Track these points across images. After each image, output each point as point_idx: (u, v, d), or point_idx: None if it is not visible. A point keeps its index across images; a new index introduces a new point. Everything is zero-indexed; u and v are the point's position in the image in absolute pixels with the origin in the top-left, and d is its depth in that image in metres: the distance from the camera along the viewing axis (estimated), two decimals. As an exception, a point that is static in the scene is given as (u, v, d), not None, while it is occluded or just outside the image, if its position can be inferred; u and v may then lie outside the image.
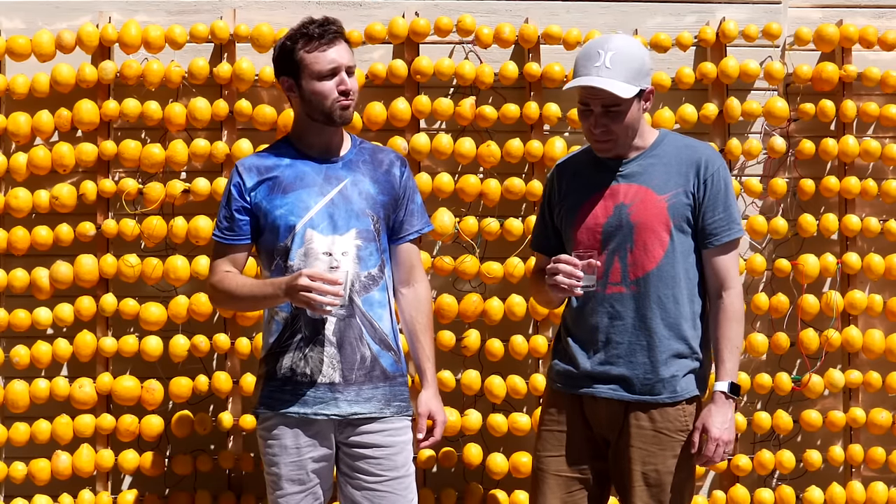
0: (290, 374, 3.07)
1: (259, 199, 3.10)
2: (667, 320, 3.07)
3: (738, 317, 3.11)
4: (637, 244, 3.06)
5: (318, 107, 3.08)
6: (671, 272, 3.07)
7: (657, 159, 3.12)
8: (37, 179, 4.22)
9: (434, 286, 4.35)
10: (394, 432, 3.14)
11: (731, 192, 3.14)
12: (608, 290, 3.09)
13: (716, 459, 3.06)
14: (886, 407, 4.33)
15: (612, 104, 3.02)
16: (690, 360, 3.10)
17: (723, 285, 3.11)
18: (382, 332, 3.12)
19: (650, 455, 3.07)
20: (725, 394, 3.06)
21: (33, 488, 4.17)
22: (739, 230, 3.14)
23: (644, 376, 3.06)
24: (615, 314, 3.08)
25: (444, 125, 4.38)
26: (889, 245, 4.37)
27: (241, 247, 3.14)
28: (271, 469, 3.12)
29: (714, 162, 3.11)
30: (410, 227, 3.27)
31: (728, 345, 3.09)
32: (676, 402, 3.08)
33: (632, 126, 3.08)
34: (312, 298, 2.88)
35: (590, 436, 3.16)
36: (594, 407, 3.12)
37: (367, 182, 3.14)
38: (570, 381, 3.15)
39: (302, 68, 3.06)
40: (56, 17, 4.30)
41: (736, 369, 3.10)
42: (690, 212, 3.09)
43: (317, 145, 3.14)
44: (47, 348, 4.14)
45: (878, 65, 4.40)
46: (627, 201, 3.08)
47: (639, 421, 3.07)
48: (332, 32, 3.06)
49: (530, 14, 4.35)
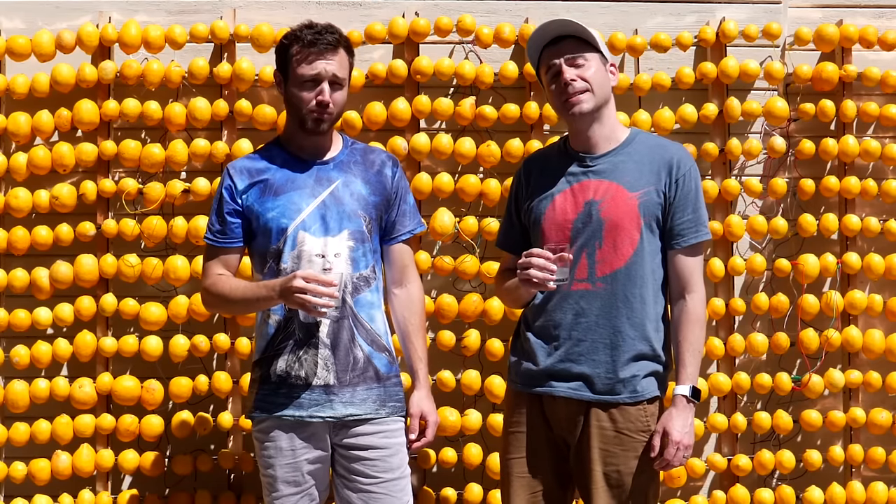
0: (285, 377, 3.07)
1: (251, 201, 3.09)
2: (632, 320, 3.04)
3: (700, 321, 3.08)
4: (606, 241, 3.03)
5: (293, 111, 3.10)
6: (639, 271, 3.04)
7: (628, 157, 3.10)
8: (37, 179, 4.22)
9: (434, 286, 4.36)
10: (389, 434, 3.14)
11: (701, 195, 3.12)
12: (574, 286, 3.04)
13: (675, 463, 3.02)
14: (886, 407, 4.33)
15: (576, 53, 3.05)
16: (652, 361, 3.07)
17: (686, 288, 3.08)
18: (375, 332, 3.12)
19: (612, 456, 3.04)
20: (686, 397, 3.03)
21: (33, 488, 4.17)
22: (707, 233, 3.11)
23: (605, 375, 3.03)
24: (580, 311, 3.04)
25: (444, 125, 4.39)
26: (889, 245, 4.37)
27: (233, 249, 3.14)
28: (267, 471, 3.13)
29: (686, 162, 3.10)
30: (403, 228, 3.27)
31: (690, 348, 3.06)
32: (637, 402, 3.05)
33: (601, 86, 3.06)
34: (307, 300, 2.88)
35: (550, 436, 3.12)
36: (553, 407, 3.09)
37: (358, 183, 3.13)
38: (528, 379, 3.12)
39: (290, 69, 3.07)
40: (56, 17, 4.30)
41: (697, 373, 3.07)
42: (660, 211, 3.06)
43: (307, 147, 3.14)
44: (47, 348, 4.14)
45: (878, 65, 4.40)
46: (598, 197, 3.05)
47: (600, 421, 3.04)
48: (325, 42, 3.04)
49: (530, 14, 4.35)
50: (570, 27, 3.09)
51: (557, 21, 3.09)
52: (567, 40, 3.09)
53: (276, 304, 3.02)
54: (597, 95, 3.06)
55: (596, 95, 3.06)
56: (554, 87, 3.09)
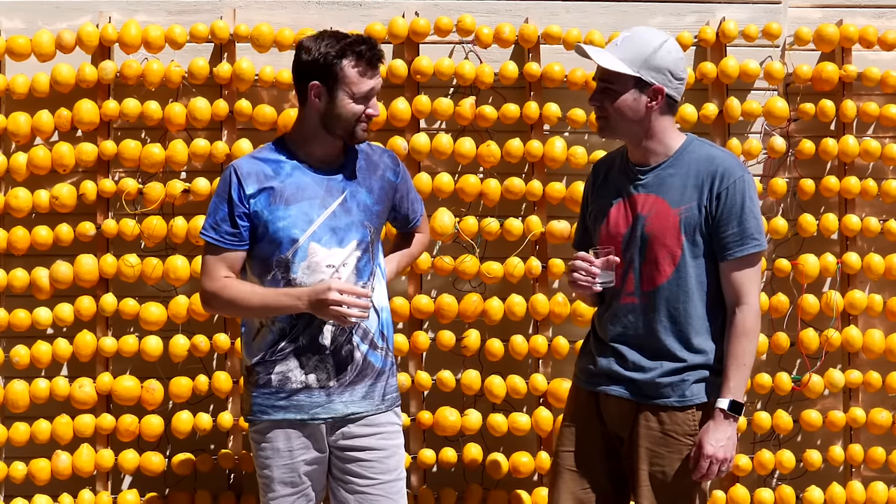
0: (285, 382, 3.06)
1: (259, 207, 3.04)
2: (677, 333, 3.04)
3: (748, 333, 3.02)
4: (648, 257, 3.05)
5: (342, 123, 3.04)
6: (683, 286, 3.03)
7: (676, 170, 3.07)
8: (37, 179, 4.22)
9: (434, 286, 4.36)
10: (386, 436, 3.14)
11: (749, 206, 3.02)
12: (622, 299, 3.09)
13: (709, 476, 3.01)
14: (886, 407, 4.33)
15: (604, 78, 3.04)
16: (702, 369, 3.05)
17: (737, 300, 3.04)
18: (371, 333, 3.12)
19: (658, 456, 3.06)
20: (725, 411, 3.00)
21: (33, 488, 4.17)
22: (756, 245, 3.02)
23: (651, 382, 3.05)
24: (627, 324, 3.08)
25: (444, 125, 4.39)
26: (889, 245, 4.37)
27: (240, 252, 3.10)
28: (263, 472, 3.12)
29: (731, 175, 3.02)
30: (415, 214, 3.38)
31: (734, 362, 3.02)
32: (686, 407, 3.06)
33: (625, 115, 3.03)
34: (344, 312, 2.90)
35: (604, 431, 3.16)
36: (607, 404, 3.14)
37: (363, 192, 3.13)
38: (588, 377, 3.18)
39: (341, 82, 3.01)
40: (56, 17, 4.30)
41: (741, 387, 3.02)
42: (703, 225, 3.03)
43: (319, 154, 3.10)
44: (47, 348, 4.14)
45: (878, 65, 4.40)
46: (645, 212, 3.06)
47: (648, 422, 3.07)
48: (379, 59, 3.05)
49: (530, 14, 4.35)
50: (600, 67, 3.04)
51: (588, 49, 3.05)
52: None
53: (298, 311, 3.00)
54: (612, 126, 3.06)
55: (611, 126, 3.06)
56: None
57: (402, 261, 3.44)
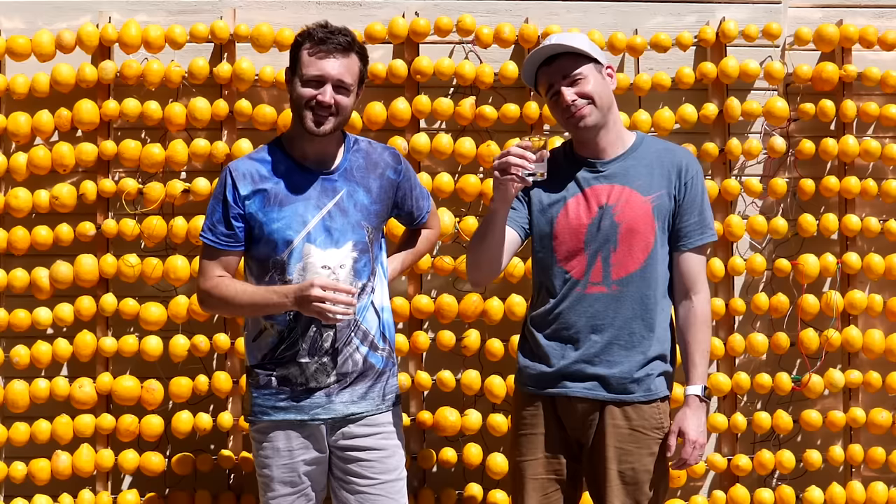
0: (285, 383, 3.07)
1: (254, 209, 3.04)
2: (647, 321, 3.08)
3: (707, 321, 3.14)
4: (622, 245, 3.06)
5: (295, 108, 3.05)
6: (653, 273, 3.08)
7: (638, 161, 3.13)
8: (37, 179, 4.22)
9: (434, 286, 4.36)
10: (387, 435, 3.14)
11: (707, 197, 3.17)
12: (588, 289, 3.08)
13: (691, 462, 3.08)
14: (886, 407, 4.33)
15: (572, 71, 3.05)
16: (663, 361, 3.11)
17: (692, 288, 3.12)
18: (371, 334, 3.12)
19: (627, 454, 3.06)
20: (699, 397, 3.08)
21: (33, 488, 4.17)
22: (712, 234, 3.16)
23: (620, 375, 3.06)
24: (595, 313, 3.07)
25: (444, 125, 4.39)
26: (889, 245, 4.37)
27: (236, 252, 3.10)
28: (263, 471, 3.12)
29: (693, 165, 3.15)
30: (421, 210, 3.33)
31: (699, 348, 3.11)
32: (651, 401, 3.09)
33: (602, 95, 3.07)
34: (326, 309, 2.88)
35: (563, 436, 3.15)
36: (567, 407, 3.11)
37: (361, 193, 3.11)
38: (542, 383, 3.14)
39: (297, 66, 3.04)
40: (56, 17, 4.30)
41: (706, 373, 3.12)
42: (671, 214, 3.11)
43: (311, 154, 3.09)
44: (47, 348, 4.14)
45: (878, 65, 4.40)
46: (612, 202, 3.08)
47: (615, 419, 3.07)
48: (336, 43, 3.00)
49: (530, 14, 4.35)
50: (560, 48, 3.08)
51: (549, 46, 3.08)
52: (561, 57, 3.08)
53: (287, 309, 3.00)
54: (600, 106, 3.08)
55: (599, 106, 3.08)
56: (556, 107, 3.11)
57: (406, 260, 3.42)
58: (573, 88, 3.05)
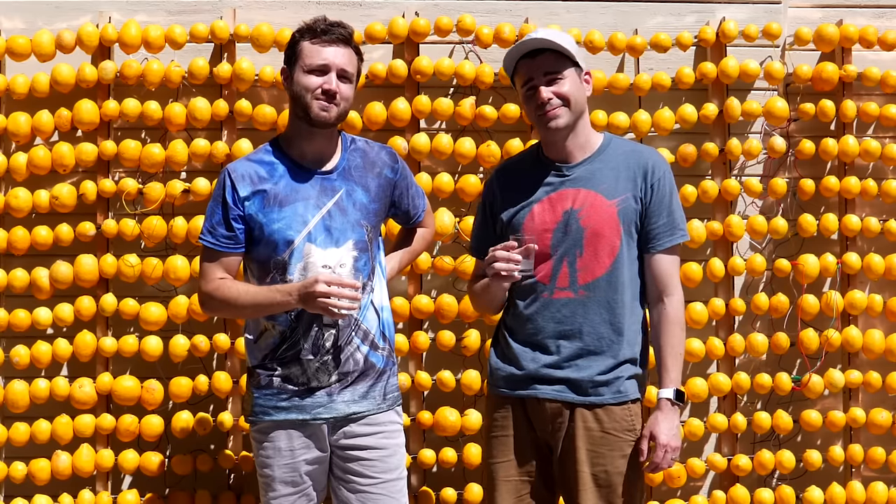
0: (287, 383, 3.07)
1: (253, 210, 3.04)
2: (615, 325, 3.07)
3: (679, 323, 3.11)
4: (587, 249, 3.05)
5: (298, 100, 3.04)
6: (620, 277, 3.07)
7: (604, 164, 3.11)
8: (37, 179, 4.22)
9: (434, 286, 4.36)
10: (388, 434, 3.14)
11: (676, 197, 3.14)
12: (555, 294, 3.07)
13: (663, 466, 3.06)
14: (886, 407, 4.33)
15: (553, 69, 3.05)
16: (633, 364, 3.10)
17: (664, 291, 3.10)
18: (371, 334, 3.12)
19: (599, 456, 3.05)
20: (671, 400, 3.06)
21: (33, 488, 4.17)
22: (683, 235, 3.13)
23: (590, 379, 3.05)
24: (562, 318, 3.07)
25: (444, 125, 4.39)
26: (889, 245, 4.37)
27: (236, 254, 3.10)
28: (264, 471, 3.12)
29: (660, 166, 3.12)
30: (417, 209, 3.35)
31: (672, 352, 3.09)
32: (622, 403, 3.08)
33: (576, 99, 3.07)
34: (332, 304, 2.88)
35: (534, 437, 3.14)
36: (537, 409, 3.10)
37: (359, 192, 3.12)
38: (512, 384, 3.13)
39: (297, 59, 3.04)
40: (56, 17, 4.30)
41: (679, 376, 3.10)
42: (638, 217, 3.09)
43: (309, 153, 3.10)
44: (47, 348, 4.14)
45: (878, 65, 4.40)
46: (577, 206, 3.07)
47: (586, 422, 3.05)
48: (337, 34, 3.04)
49: (530, 14, 4.35)
50: (548, 44, 3.07)
51: (536, 40, 3.07)
52: (544, 54, 3.08)
53: (292, 308, 3.00)
54: (573, 110, 3.08)
55: (572, 110, 3.08)
56: (530, 101, 3.11)
57: (403, 258, 3.42)
58: (551, 87, 3.05)
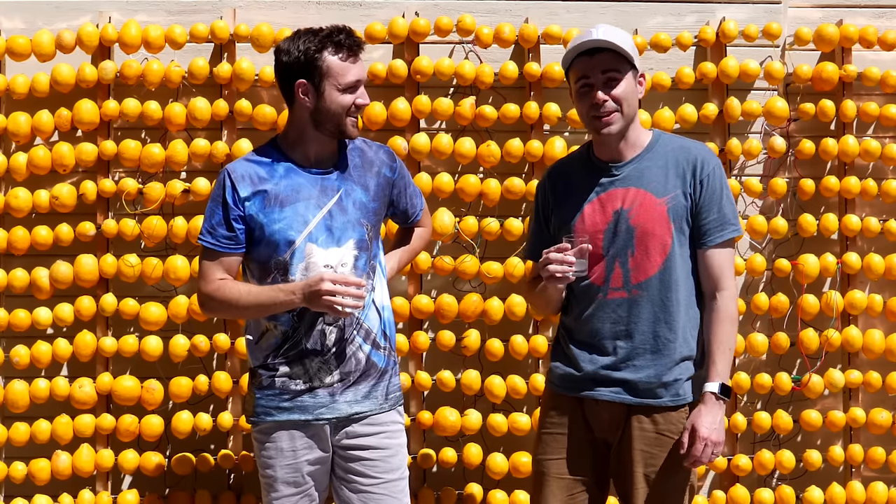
0: (289, 384, 3.06)
1: (254, 210, 3.03)
2: (671, 324, 3.04)
3: (731, 318, 3.07)
4: (639, 249, 3.04)
5: (332, 118, 3.02)
6: (673, 276, 3.04)
7: (652, 161, 3.09)
8: (37, 179, 4.22)
9: (434, 286, 4.36)
10: (390, 434, 3.14)
11: (727, 192, 3.10)
12: (609, 295, 3.06)
13: (703, 460, 3.02)
14: (886, 407, 4.33)
15: (612, 69, 3.02)
16: (692, 363, 3.08)
17: (717, 286, 3.07)
18: (373, 332, 3.12)
19: (652, 457, 3.05)
20: (716, 395, 3.03)
21: (33, 488, 4.17)
22: (735, 230, 3.09)
23: (647, 380, 3.04)
24: (617, 319, 3.06)
25: (444, 125, 4.39)
26: (889, 245, 4.37)
27: (237, 254, 3.09)
28: (266, 471, 3.12)
29: (710, 162, 3.09)
30: (415, 208, 3.33)
31: (721, 346, 3.05)
32: (679, 406, 3.07)
33: (630, 104, 3.05)
34: (337, 302, 2.88)
35: (591, 438, 3.14)
36: (595, 409, 3.10)
37: (358, 191, 3.11)
38: (571, 383, 3.13)
39: (326, 75, 2.99)
40: (56, 17, 4.30)
41: (727, 371, 3.07)
42: (688, 213, 3.07)
43: (312, 155, 3.09)
44: (47, 348, 4.14)
45: (878, 65, 4.40)
46: (626, 206, 3.06)
47: (641, 423, 3.05)
48: (359, 45, 3.03)
49: (530, 14, 4.35)
50: (607, 44, 3.02)
51: (597, 39, 3.01)
52: (602, 53, 3.03)
53: (294, 307, 2.99)
54: (625, 114, 3.05)
55: (624, 115, 3.05)
56: (583, 99, 3.07)
57: (402, 257, 3.42)
58: (606, 88, 3.02)
